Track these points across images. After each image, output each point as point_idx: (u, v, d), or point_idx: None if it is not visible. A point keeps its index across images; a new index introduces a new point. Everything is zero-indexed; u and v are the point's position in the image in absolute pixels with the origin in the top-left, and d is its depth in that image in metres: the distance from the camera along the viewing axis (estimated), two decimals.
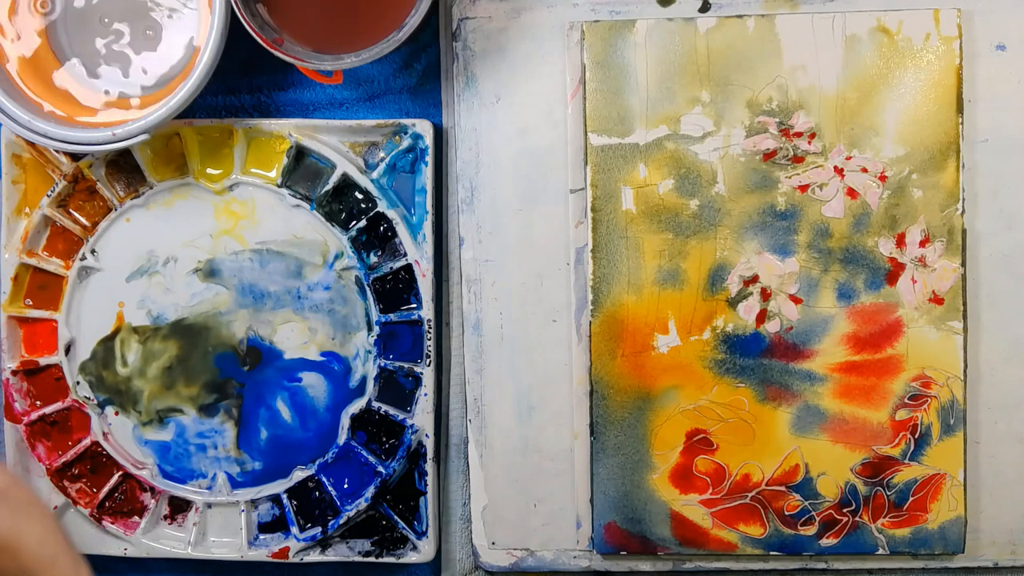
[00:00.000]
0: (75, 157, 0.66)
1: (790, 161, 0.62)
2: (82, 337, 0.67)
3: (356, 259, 0.65)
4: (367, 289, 0.65)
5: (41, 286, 0.68)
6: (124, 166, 0.67)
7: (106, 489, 0.68)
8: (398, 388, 0.66)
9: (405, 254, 0.65)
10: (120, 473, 0.68)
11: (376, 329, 0.65)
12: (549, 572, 0.66)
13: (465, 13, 0.64)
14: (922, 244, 0.62)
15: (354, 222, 0.65)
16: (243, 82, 0.67)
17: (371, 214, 0.65)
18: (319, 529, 0.66)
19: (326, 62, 0.58)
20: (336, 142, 0.66)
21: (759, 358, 0.63)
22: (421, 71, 0.67)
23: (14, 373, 0.68)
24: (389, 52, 0.59)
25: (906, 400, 0.62)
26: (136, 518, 0.68)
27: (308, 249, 0.66)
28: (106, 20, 0.66)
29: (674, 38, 0.62)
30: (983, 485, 0.63)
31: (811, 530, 0.63)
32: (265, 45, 0.58)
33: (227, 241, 0.66)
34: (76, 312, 0.67)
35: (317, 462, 0.67)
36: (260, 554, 0.67)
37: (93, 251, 0.67)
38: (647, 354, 0.63)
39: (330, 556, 0.67)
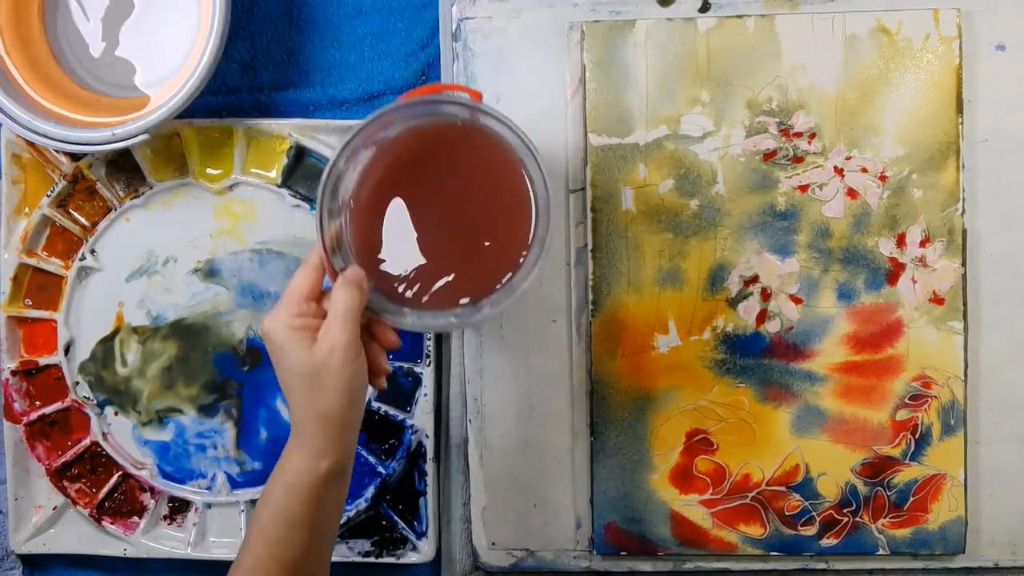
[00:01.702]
0: (75, 157, 0.66)
1: (790, 161, 0.62)
2: (81, 337, 0.67)
3: None
4: None
5: (41, 286, 0.68)
6: (124, 166, 0.67)
7: (106, 489, 0.68)
8: (398, 388, 0.66)
9: None
10: (120, 473, 0.68)
11: None
12: (549, 572, 0.66)
13: (465, 13, 0.64)
14: (922, 244, 0.62)
15: None
16: (243, 82, 0.67)
17: None
18: None
19: (387, 315, 0.53)
20: (336, 142, 0.66)
21: (759, 358, 0.63)
22: (421, 71, 0.67)
23: (13, 373, 0.68)
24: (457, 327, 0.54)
25: (906, 400, 0.62)
26: (136, 518, 0.68)
27: (308, 249, 0.66)
28: (107, 20, 0.66)
29: (674, 38, 0.62)
30: (983, 485, 0.63)
31: (811, 530, 0.63)
32: (328, 274, 0.52)
33: (227, 241, 0.66)
34: (76, 312, 0.67)
35: None
36: None
37: (93, 251, 0.67)
38: (647, 354, 0.63)
39: None
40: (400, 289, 0.54)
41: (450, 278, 0.54)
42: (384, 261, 0.54)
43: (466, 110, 0.52)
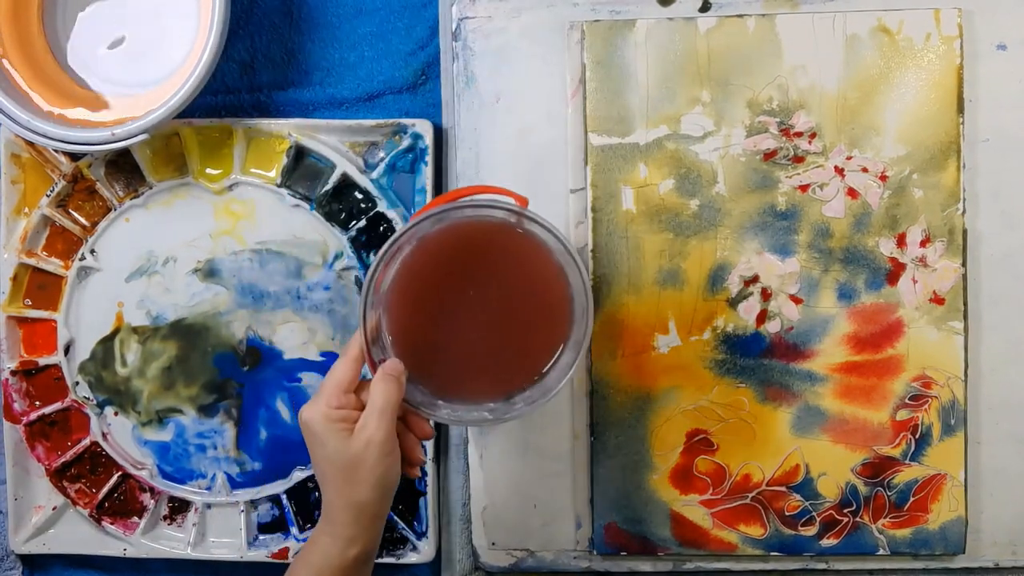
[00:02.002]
0: (74, 157, 0.66)
1: (790, 161, 0.62)
2: (81, 337, 0.67)
3: (356, 259, 0.65)
4: None
5: (40, 286, 0.68)
6: (124, 166, 0.67)
7: (105, 489, 0.68)
8: None
9: None
10: (119, 473, 0.68)
11: None
12: (549, 572, 0.66)
13: (465, 13, 0.64)
14: (923, 244, 0.62)
15: (354, 222, 0.65)
16: (243, 82, 0.67)
17: (371, 214, 0.65)
18: None
19: (423, 408, 0.54)
20: (336, 142, 0.65)
21: (759, 358, 0.63)
22: (421, 71, 0.67)
23: (13, 373, 0.68)
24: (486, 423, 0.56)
25: (907, 400, 0.62)
26: (135, 518, 0.68)
27: (308, 249, 0.66)
28: (106, 20, 0.66)
29: (674, 38, 0.62)
30: (984, 485, 0.63)
31: (811, 530, 0.63)
32: (368, 365, 0.53)
33: (227, 241, 0.66)
34: (75, 312, 0.67)
35: None
36: (260, 555, 0.67)
37: (92, 251, 0.67)
38: (647, 354, 0.63)
39: None
40: (436, 382, 0.55)
41: (485, 373, 0.55)
42: (421, 354, 0.54)
43: (511, 215, 0.53)
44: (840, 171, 0.62)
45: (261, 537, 0.68)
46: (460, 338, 0.54)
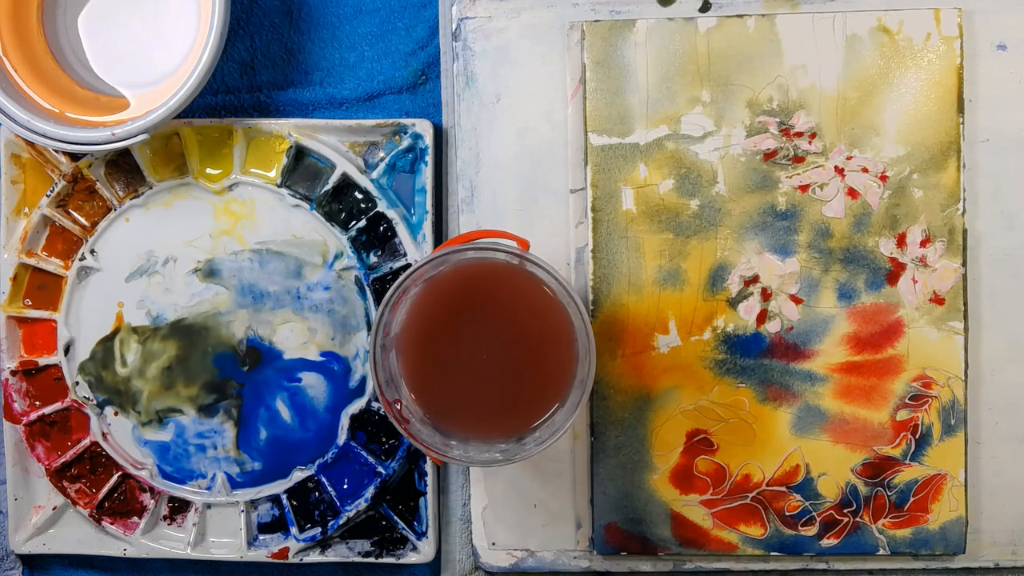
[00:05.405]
0: (74, 157, 0.66)
1: (790, 161, 0.62)
2: (81, 337, 0.67)
3: (356, 259, 0.65)
4: (367, 289, 0.65)
5: (40, 286, 0.68)
6: (123, 166, 0.67)
7: (105, 489, 0.68)
8: None
9: (405, 254, 0.65)
10: (119, 473, 0.68)
11: None
12: (549, 572, 0.66)
13: (465, 13, 0.64)
14: (923, 244, 0.62)
15: (354, 222, 0.65)
16: (243, 82, 0.67)
17: (371, 214, 0.65)
18: (319, 530, 0.66)
19: (436, 450, 0.54)
20: (336, 142, 0.66)
21: (759, 358, 0.63)
22: (421, 71, 0.67)
23: (13, 373, 0.68)
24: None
25: (907, 400, 0.62)
26: (135, 518, 0.68)
27: (308, 249, 0.66)
28: (106, 19, 0.66)
29: (674, 38, 0.62)
30: (984, 485, 0.63)
31: (812, 531, 0.63)
32: (383, 405, 0.54)
33: (227, 241, 0.66)
34: (75, 312, 0.67)
35: (317, 462, 0.66)
36: (259, 555, 0.67)
37: (92, 251, 0.67)
38: (647, 354, 0.63)
39: (330, 556, 0.67)
40: (449, 423, 0.55)
41: (497, 415, 0.56)
42: (434, 394, 0.55)
43: (514, 257, 0.54)
44: (840, 171, 0.62)
45: (261, 537, 0.68)
46: (472, 379, 0.55)
